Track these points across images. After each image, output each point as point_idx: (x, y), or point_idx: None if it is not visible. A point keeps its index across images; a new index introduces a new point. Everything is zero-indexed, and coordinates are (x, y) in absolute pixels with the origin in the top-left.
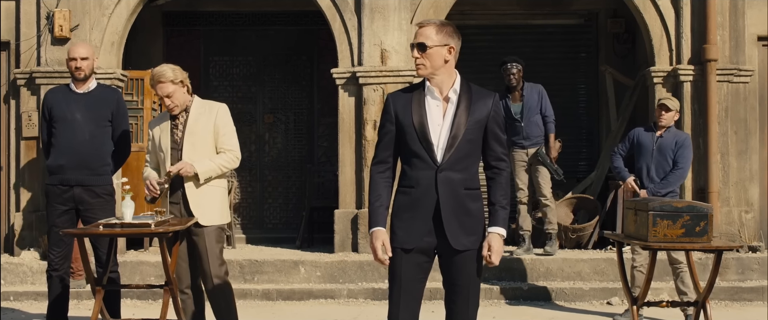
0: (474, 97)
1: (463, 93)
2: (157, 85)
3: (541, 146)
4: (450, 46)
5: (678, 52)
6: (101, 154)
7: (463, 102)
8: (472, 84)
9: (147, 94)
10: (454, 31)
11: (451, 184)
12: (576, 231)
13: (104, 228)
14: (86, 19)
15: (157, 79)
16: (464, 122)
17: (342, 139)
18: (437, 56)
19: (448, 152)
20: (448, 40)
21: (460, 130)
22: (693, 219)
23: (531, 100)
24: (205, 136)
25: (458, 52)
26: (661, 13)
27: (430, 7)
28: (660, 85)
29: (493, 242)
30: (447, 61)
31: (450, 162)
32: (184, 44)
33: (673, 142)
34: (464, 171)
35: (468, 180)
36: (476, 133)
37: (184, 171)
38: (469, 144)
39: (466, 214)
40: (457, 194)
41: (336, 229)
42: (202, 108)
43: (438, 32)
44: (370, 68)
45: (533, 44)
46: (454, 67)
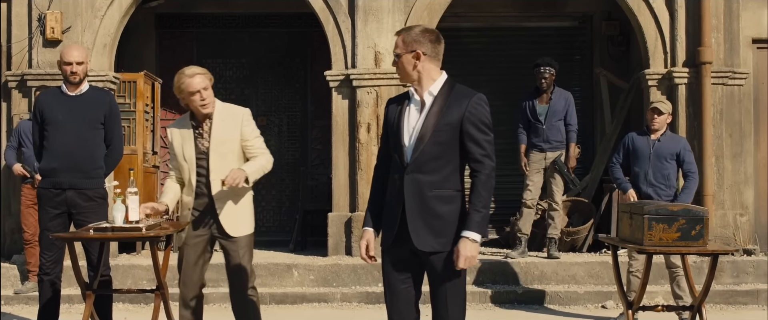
0: (451, 99)
1: (440, 95)
2: (193, 77)
3: (560, 153)
4: (416, 52)
5: (673, 54)
6: (94, 157)
7: (437, 104)
8: (458, 85)
9: (139, 97)
10: (422, 34)
11: (417, 186)
12: (570, 234)
13: (95, 232)
14: (78, 21)
15: (192, 72)
16: (433, 124)
17: (335, 141)
18: (406, 63)
19: (414, 154)
20: (414, 46)
21: (427, 131)
22: (688, 223)
23: (557, 105)
24: (232, 144)
25: (435, 54)
26: (655, 16)
27: (424, 9)
28: (655, 88)
29: (461, 246)
30: (416, 66)
31: (417, 163)
32: (177, 46)
33: (672, 147)
34: (434, 173)
35: (438, 182)
36: (448, 135)
37: (238, 181)
38: (439, 146)
39: (433, 216)
40: (423, 196)
41: (329, 232)
42: (225, 113)
43: (404, 39)
44: (364, 71)
45: (527, 46)
46: (433, 69)
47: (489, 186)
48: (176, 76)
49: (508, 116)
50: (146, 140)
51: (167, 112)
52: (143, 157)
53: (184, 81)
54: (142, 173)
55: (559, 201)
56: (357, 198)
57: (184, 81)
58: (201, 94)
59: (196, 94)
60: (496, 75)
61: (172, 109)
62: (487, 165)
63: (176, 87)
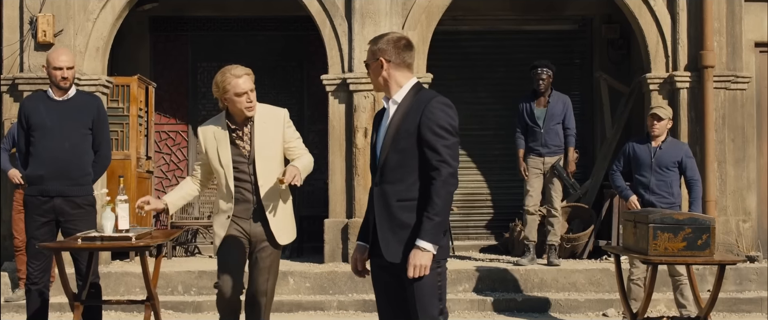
0: (412, 105)
1: (403, 102)
2: (240, 77)
3: (559, 158)
4: (380, 60)
5: (674, 58)
6: (82, 164)
7: (399, 112)
8: (424, 90)
9: (133, 101)
10: (387, 42)
11: (383, 196)
12: (571, 240)
13: (83, 241)
14: (70, 24)
15: (239, 72)
16: (393, 132)
17: (332, 146)
18: (373, 72)
19: (378, 165)
20: (379, 54)
21: (388, 140)
22: (695, 232)
23: (555, 108)
24: (276, 147)
25: (401, 60)
26: (657, 19)
27: (422, 12)
28: (656, 92)
29: (411, 255)
30: (381, 74)
31: (383, 173)
32: (172, 50)
33: (674, 154)
34: (398, 182)
35: (402, 191)
36: (407, 142)
37: (297, 178)
38: (400, 153)
39: (400, 226)
40: (388, 206)
41: (326, 239)
42: (266, 115)
43: (371, 48)
44: (361, 75)
45: (526, 50)
46: (399, 76)
47: (444, 192)
48: (219, 75)
49: (508, 120)
50: (140, 145)
51: (162, 117)
52: (137, 162)
53: (231, 81)
54: (136, 179)
55: (558, 207)
56: (354, 205)
57: (230, 81)
58: (248, 95)
59: (243, 96)
60: (494, 79)
61: (167, 113)
62: (443, 171)
63: (220, 87)
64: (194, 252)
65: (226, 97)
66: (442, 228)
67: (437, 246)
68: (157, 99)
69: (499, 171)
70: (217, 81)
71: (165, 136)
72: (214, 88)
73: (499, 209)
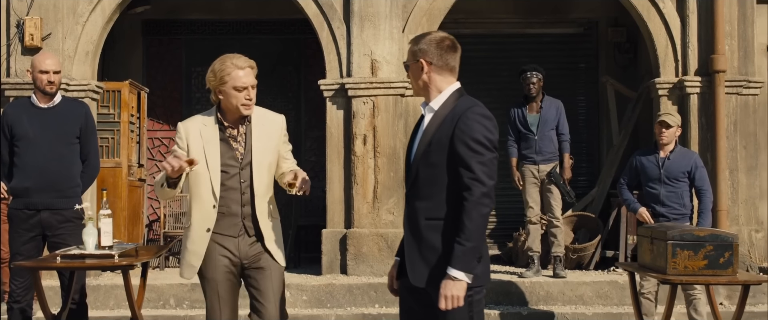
0: (449, 114)
1: (440, 110)
2: (243, 70)
3: (555, 165)
4: (420, 61)
5: (684, 62)
6: (70, 175)
7: (434, 121)
8: (464, 97)
9: (124, 107)
10: (430, 42)
11: (413, 214)
12: (577, 251)
13: (62, 259)
14: (59, 27)
15: (242, 63)
16: (426, 144)
17: (330, 154)
18: (413, 74)
19: (410, 178)
20: (420, 55)
21: (420, 152)
22: (716, 250)
23: (548, 114)
24: (271, 156)
25: (444, 63)
26: (666, 22)
27: (423, 15)
28: (665, 98)
29: (442, 284)
30: (422, 77)
31: (414, 188)
32: (165, 54)
33: (683, 164)
34: (428, 199)
35: (432, 209)
36: (439, 155)
37: (307, 185)
38: (431, 168)
39: (428, 248)
40: (417, 225)
41: (323, 250)
42: (263, 118)
43: (411, 48)
44: (360, 79)
45: (530, 54)
46: (440, 80)
47: (476, 214)
48: (218, 62)
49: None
50: (131, 152)
51: (155, 123)
52: (128, 170)
53: (231, 72)
54: (127, 187)
55: (559, 216)
56: (352, 214)
57: (230, 72)
58: (249, 91)
59: (242, 91)
60: (497, 83)
61: (160, 120)
62: (476, 191)
63: (217, 76)
64: None
65: (223, 88)
66: (474, 254)
67: (471, 274)
68: (149, 104)
69: (502, 179)
70: (216, 69)
71: (158, 143)
72: (210, 76)
73: (502, 218)
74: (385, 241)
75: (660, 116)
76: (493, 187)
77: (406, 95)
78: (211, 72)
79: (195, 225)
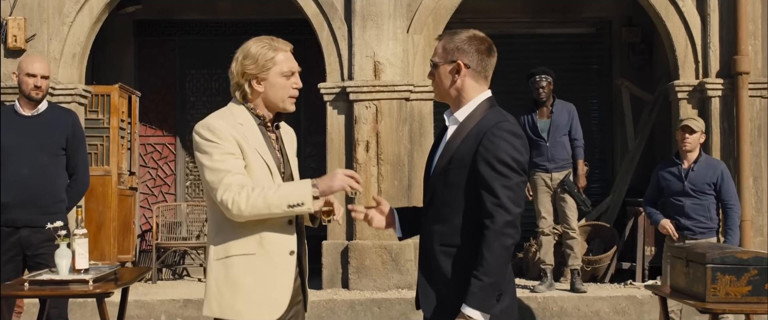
0: (475, 128)
1: (466, 122)
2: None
3: (568, 173)
4: (457, 63)
5: (705, 64)
6: (54, 189)
7: (458, 134)
8: (494, 110)
9: (113, 112)
10: (469, 41)
11: (428, 237)
12: (591, 263)
13: (31, 286)
14: (44, 28)
15: (284, 46)
16: (445, 161)
17: (331, 161)
18: (444, 77)
19: (427, 197)
20: (456, 55)
21: (438, 169)
22: (761, 274)
23: (560, 119)
24: (295, 169)
25: (482, 68)
26: (685, 21)
27: (429, 14)
28: (684, 101)
29: None
30: (455, 82)
31: (430, 209)
32: (158, 56)
33: (709, 175)
34: (443, 223)
35: (447, 234)
36: (459, 175)
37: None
38: (450, 188)
39: (439, 276)
40: (431, 250)
41: (324, 263)
42: (283, 125)
43: (444, 46)
44: (362, 83)
45: (540, 55)
46: (474, 87)
47: (497, 246)
48: (254, 44)
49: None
50: (122, 160)
51: (147, 128)
52: (118, 178)
53: (275, 56)
54: (117, 197)
55: (575, 227)
56: (354, 225)
57: (274, 55)
58: (297, 78)
59: (291, 77)
60: (506, 86)
61: (152, 125)
62: (499, 219)
63: (257, 61)
64: (182, 274)
65: (264, 76)
66: (493, 290)
67: (487, 314)
68: (142, 109)
69: None
70: (254, 53)
71: (151, 149)
72: (248, 63)
73: None
74: (390, 254)
75: (683, 121)
76: (519, 216)
77: (411, 99)
78: (247, 58)
79: (269, 248)
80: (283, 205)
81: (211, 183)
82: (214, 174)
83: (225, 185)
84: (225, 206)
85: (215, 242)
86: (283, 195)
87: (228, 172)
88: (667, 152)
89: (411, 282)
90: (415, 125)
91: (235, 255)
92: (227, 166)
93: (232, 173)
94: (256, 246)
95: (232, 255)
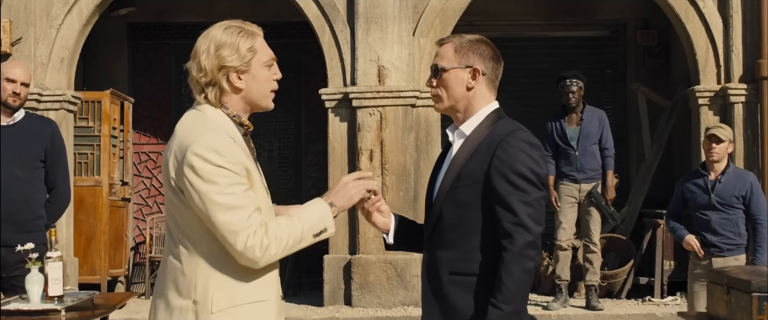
0: (486, 140)
1: (474, 134)
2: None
3: (596, 184)
4: (474, 68)
5: (727, 68)
6: (32, 205)
7: (465, 148)
8: (504, 119)
9: (104, 119)
10: (481, 45)
11: (434, 265)
12: (607, 277)
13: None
14: (30, 31)
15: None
16: (452, 177)
17: (332, 171)
18: (456, 83)
19: (431, 221)
20: (472, 59)
21: (445, 187)
22: None
23: (590, 126)
24: None
25: (495, 76)
26: (706, 23)
27: (436, 16)
28: (706, 107)
29: None
30: (470, 89)
31: (435, 233)
32: (153, 60)
33: (738, 187)
34: (453, 248)
35: (458, 260)
36: (470, 192)
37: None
38: (459, 208)
39: (450, 310)
40: (438, 279)
41: (325, 279)
42: None
43: (456, 48)
44: (365, 88)
45: (552, 59)
46: (486, 97)
47: (518, 270)
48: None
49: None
50: (113, 169)
51: (142, 136)
52: (110, 189)
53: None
54: (108, 208)
55: (597, 242)
56: (357, 239)
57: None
58: (276, 66)
59: (273, 65)
60: (516, 91)
61: (147, 132)
62: (518, 240)
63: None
64: None
65: (246, 68)
66: (514, 318)
67: None
68: (136, 116)
69: None
70: (227, 41)
71: (145, 158)
72: (227, 53)
73: None
74: (395, 269)
75: (710, 129)
76: (540, 235)
77: (417, 105)
78: (224, 48)
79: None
80: (308, 237)
81: (228, 224)
82: (230, 214)
83: (248, 227)
84: (251, 252)
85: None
86: (306, 226)
87: (245, 209)
88: (686, 161)
89: (417, 299)
90: (422, 133)
91: (245, 303)
92: (244, 201)
93: (250, 209)
94: (269, 290)
95: (239, 304)
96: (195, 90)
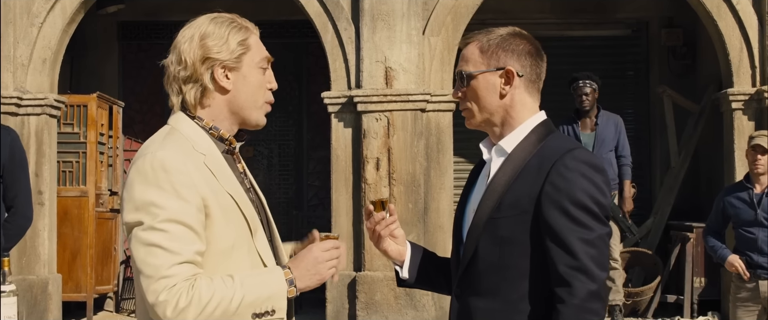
0: (535, 160)
1: (517, 152)
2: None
3: (613, 195)
4: (507, 69)
5: (762, 69)
6: None
7: (507, 169)
8: (555, 135)
9: (91, 125)
10: (514, 40)
11: (466, 316)
12: (632, 295)
13: None
14: (10, 29)
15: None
16: (491, 207)
17: (336, 180)
18: (487, 90)
19: (463, 261)
20: (503, 59)
21: (480, 219)
22: None
23: (605, 132)
24: None
25: (536, 76)
26: (740, 21)
27: (448, 13)
28: (740, 112)
29: None
30: (504, 96)
31: (468, 276)
32: (145, 61)
33: None
34: (492, 296)
35: (498, 312)
36: (515, 226)
37: None
38: (501, 246)
39: None
40: None
41: (328, 297)
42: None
43: (482, 47)
44: (371, 91)
45: (570, 60)
46: (528, 104)
47: None
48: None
49: None
50: (101, 178)
51: (133, 142)
52: (97, 199)
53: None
54: (95, 220)
55: (617, 257)
56: (363, 254)
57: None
58: (271, 72)
59: (266, 71)
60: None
61: (139, 138)
62: (579, 289)
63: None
64: None
65: (235, 65)
66: None
67: None
68: (126, 120)
69: None
70: (215, 31)
71: None
72: (214, 43)
73: None
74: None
75: (753, 139)
76: (605, 283)
77: (427, 110)
78: (210, 37)
79: None
80: (245, 315)
81: (145, 267)
82: (151, 256)
83: (167, 277)
84: (161, 309)
85: None
86: (248, 300)
87: (172, 254)
88: (714, 169)
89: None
90: (433, 140)
91: None
92: (174, 245)
93: (180, 257)
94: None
95: None
96: (171, 91)
